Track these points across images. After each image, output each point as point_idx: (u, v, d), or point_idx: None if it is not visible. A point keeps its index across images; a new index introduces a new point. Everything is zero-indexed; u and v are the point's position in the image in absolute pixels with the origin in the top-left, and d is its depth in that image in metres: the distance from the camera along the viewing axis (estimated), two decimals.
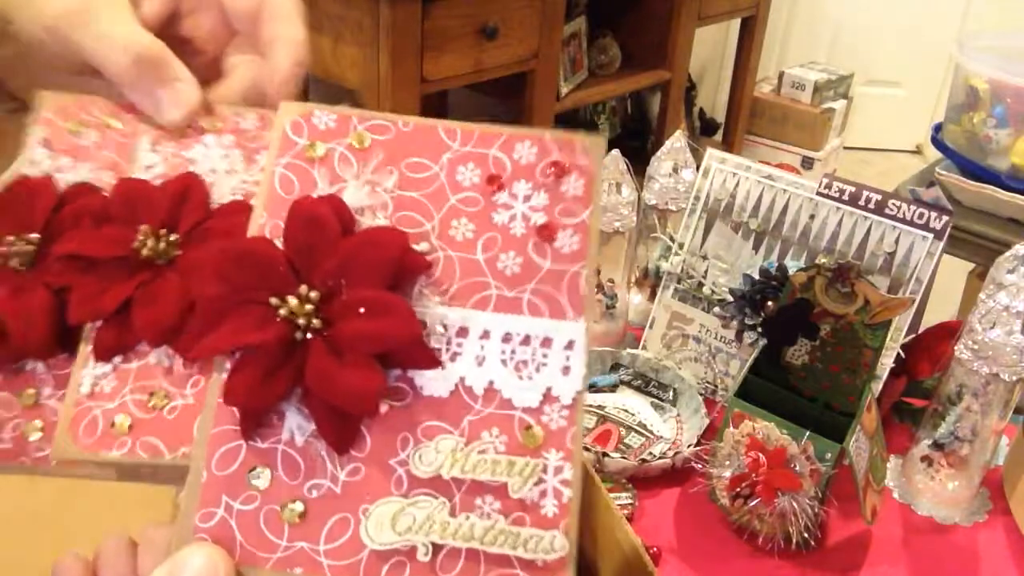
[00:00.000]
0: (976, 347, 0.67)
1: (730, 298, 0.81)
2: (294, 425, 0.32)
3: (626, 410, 0.83)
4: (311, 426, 0.32)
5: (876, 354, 0.68)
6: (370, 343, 0.31)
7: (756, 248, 0.82)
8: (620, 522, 0.54)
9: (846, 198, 0.78)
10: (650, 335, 0.89)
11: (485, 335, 0.33)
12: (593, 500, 0.56)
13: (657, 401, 0.85)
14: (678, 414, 0.83)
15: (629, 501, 0.72)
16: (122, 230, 0.35)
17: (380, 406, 0.32)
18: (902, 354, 0.78)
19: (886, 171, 3.26)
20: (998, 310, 0.66)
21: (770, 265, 0.78)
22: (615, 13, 2.39)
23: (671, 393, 0.85)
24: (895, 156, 3.44)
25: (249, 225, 0.34)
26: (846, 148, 3.34)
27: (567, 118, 2.50)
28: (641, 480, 0.74)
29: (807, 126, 3.07)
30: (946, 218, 0.74)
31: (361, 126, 0.36)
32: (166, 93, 0.35)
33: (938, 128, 1.62)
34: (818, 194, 0.79)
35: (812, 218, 0.79)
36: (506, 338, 0.33)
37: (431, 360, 0.32)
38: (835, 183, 0.78)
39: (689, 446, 0.76)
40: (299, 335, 0.31)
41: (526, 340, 0.33)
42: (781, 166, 2.19)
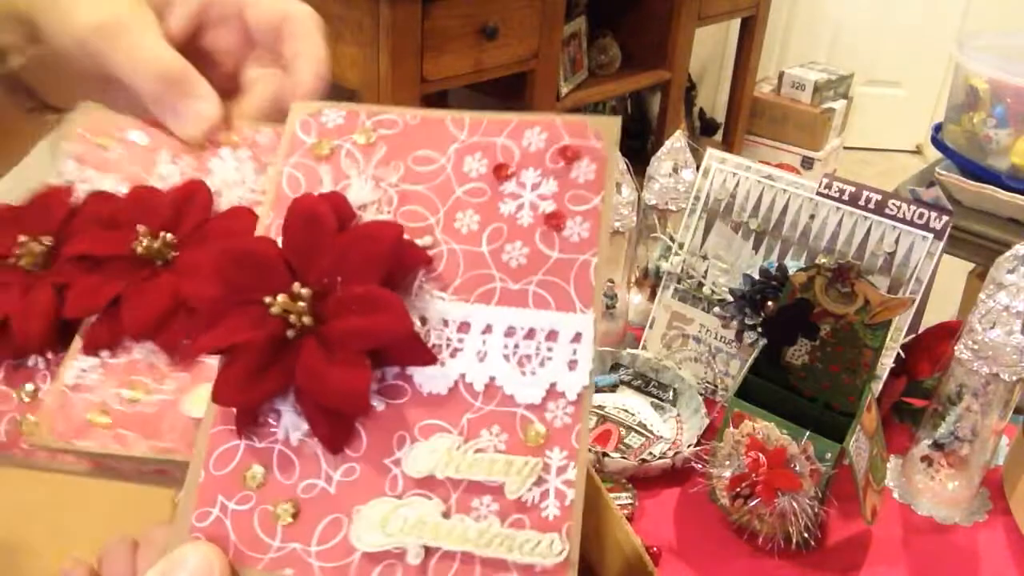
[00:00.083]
0: (976, 347, 0.67)
1: (730, 298, 0.81)
2: (289, 424, 0.32)
3: (626, 410, 0.83)
4: (305, 425, 0.31)
5: (876, 354, 0.68)
6: (361, 340, 0.31)
7: (756, 248, 0.82)
8: (620, 522, 0.54)
9: (846, 198, 0.78)
10: (650, 335, 0.89)
11: (487, 330, 0.32)
12: (594, 500, 0.56)
13: (657, 401, 0.85)
14: (678, 414, 0.83)
15: (629, 501, 0.72)
16: (125, 232, 0.36)
17: (376, 405, 0.31)
18: (902, 354, 0.78)
19: (886, 171, 3.26)
20: (998, 310, 0.66)
21: (770, 265, 0.78)
22: (615, 13, 2.39)
23: (671, 393, 0.85)
24: (895, 156, 3.44)
25: (257, 226, 0.35)
26: (846, 148, 3.35)
27: None
28: (641, 480, 0.74)
29: (807, 126, 3.07)
30: (946, 218, 0.74)
31: (369, 122, 0.36)
32: (187, 109, 0.36)
33: (938, 128, 1.62)
34: (818, 194, 0.79)
35: (812, 218, 0.79)
36: (509, 332, 0.32)
37: (427, 357, 0.31)
38: (835, 183, 0.78)
39: (689, 446, 0.76)
40: (291, 333, 0.31)
41: (530, 334, 0.31)
42: (781, 166, 2.19)
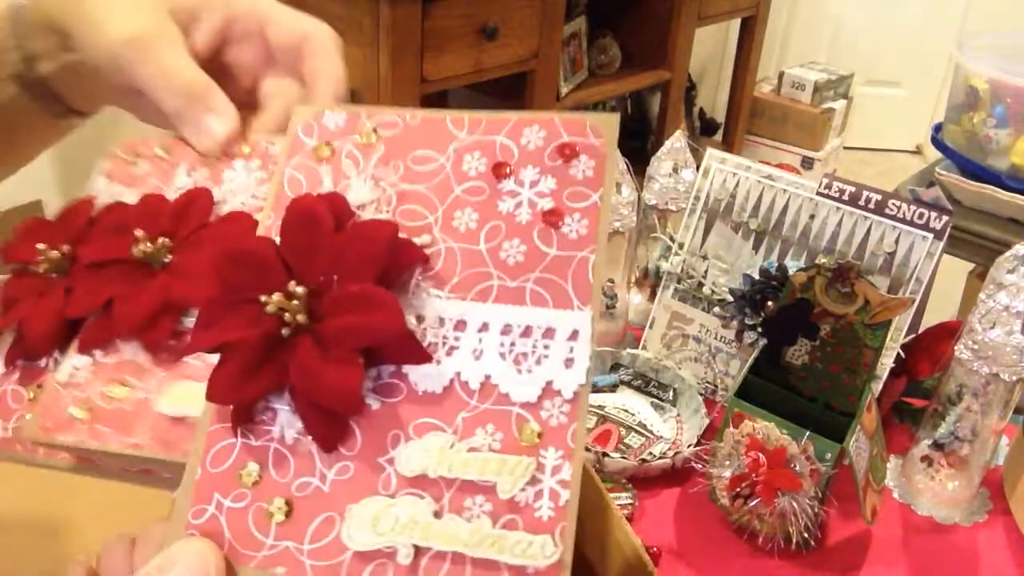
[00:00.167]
0: (976, 347, 0.67)
1: (730, 298, 0.81)
2: (284, 422, 0.32)
3: (626, 410, 0.83)
4: (300, 423, 0.31)
5: (876, 354, 0.68)
6: (355, 338, 0.31)
7: (756, 248, 0.82)
8: (620, 522, 0.54)
9: (846, 198, 0.78)
10: (650, 335, 0.89)
11: (484, 327, 0.32)
12: (593, 500, 0.56)
13: (657, 401, 0.85)
14: (678, 414, 0.83)
15: (629, 501, 0.72)
16: (128, 238, 0.37)
17: (371, 403, 0.31)
18: (902, 354, 0.78)
19: (886, 171, 3.26)
20: (998, 310, 0.66)
21: (770, 265, 0.78)
22: (615, 13, 2.39)
23: (671, 393, 0.85)
24: (895, 156, 3.44)
25: (258, 227, 0.35)
26: (846, 148, 3.35)
27: None
28: (641, 480, 0.74)
29: (807, 126, 3.07)
30: (946, 218, 0.74)
31: (369, 123, 0.36)
32: (205, 123, 0.37)
33: (938, 128, 1.62)
34: (818, 194, 0.79)
35: (812, 218, 0.79)
36: (506, 330, 0.31)
37: (422, 355, 0.31)
38: (835, 183, 0.78)
39: (689, 446, 0.76)
40: (286, 331, 0.31)
41: (527, 332, 0.31)
42: (781, 166, 2.19)
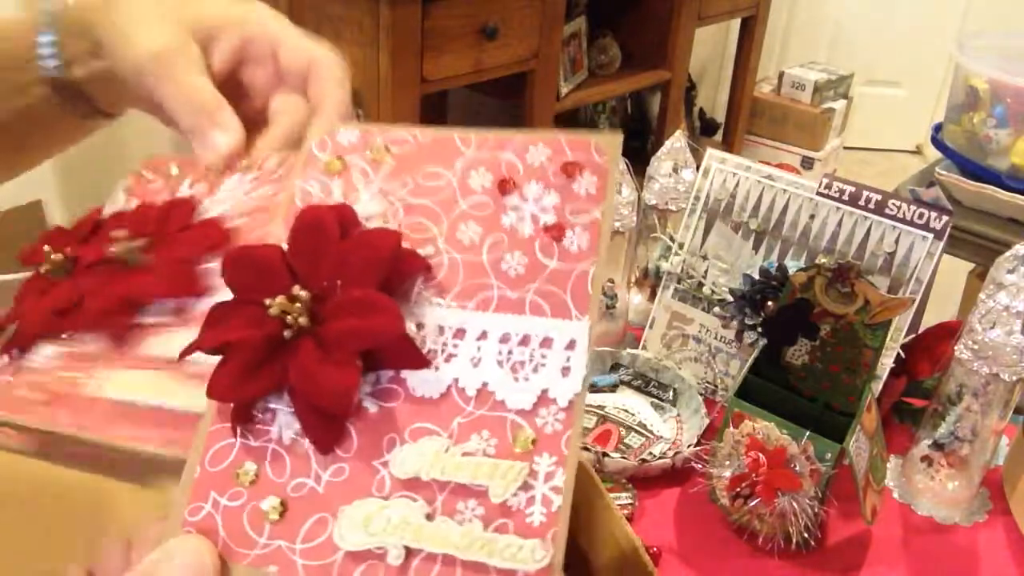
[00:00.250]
0: (976, 347, 0.67)
1: (730, 298, 0.81)
2: (283, 423, 0.32)
3: (626, 410, 0.83)
4: (298, 424, 0.32)
5: (876, 354, 0.68)
6: (355, 340, 0.31)
7: (756, 248, 0.82)
8: (620, 522, 0.54)
9: (846, 198, 0.78)
10: (650, 335, 0.89)
11: (483, 336, 0.32)
12: (593, 500, 0.56)
13: (657, 401, 0.85)
14: (678, 414, 0.83)
15: (629, 501, 0.72)
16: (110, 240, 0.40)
17: (369, 407, 0.32)
18: (902, 354, 0.78)
19: (886, 171, 3.26)
20: (998, 310, 0.66)
21: (770, 265, 0.78)
22: (615, 13, 2.39)
23: (671, 393, 0.85)
24: (895, 156, 3.44)
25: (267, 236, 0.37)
26: (846, 148, 3.35)
27: (567, 118, 2.49)
28: (641, 480, 0.74)
29: (807, 126, 3.07)
30: (946, 218, 0.74)
31: (381, 140, 0.37)
32: (212, 138, 0.40)
33: (938, 128, 1.62)
34: (818, 194, 0.79)
35: (812, 218, 0.79)
36: (504, 339, 0.32)
37: (419, 360, 0.32)
38: (835, 183, 0.78)
39: (689, 446, 0.76)
40: (288, 333, 0.32)
41: (525, 340, 0.32)
42: (781, 166, 2.19)
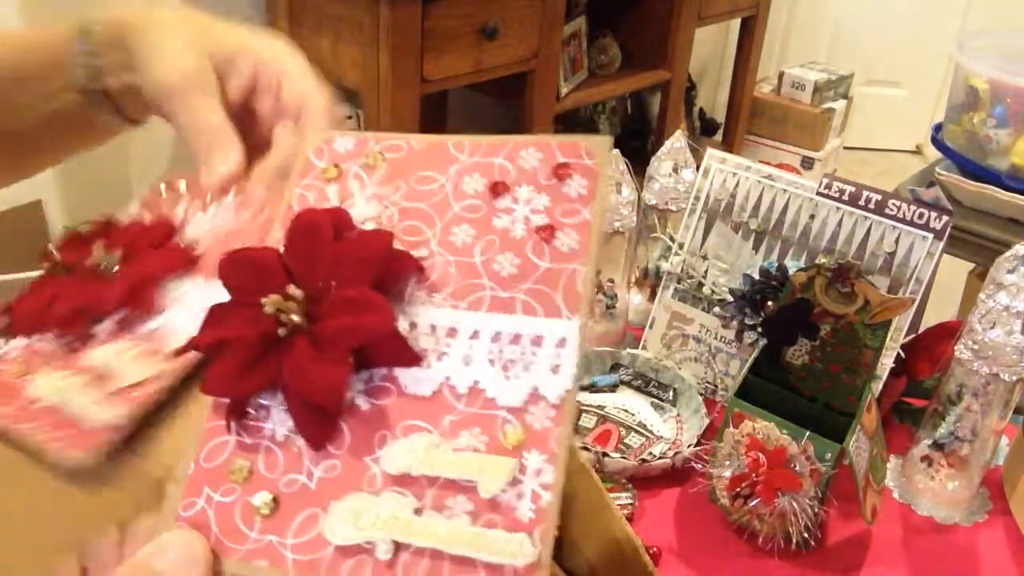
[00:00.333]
0: (976, 347, 0.67)
1: (730, 298, 0.81)
2: (277, 420, 0.33)
3: (626, 410, 0.83)
4: (291, 421, 0.33)
5: (876, 354, 0.68)
6: (347, 337, 0.32)
7: (756, 248, 0.82)
8: (620, 522, 0.54)
9: (846, 198, 0.78)
10: (650, 335, 0.89)
11: (475, 335, 0.33)
12: (593, 500, 0.56)
13: (657, 401, 0.85)
14: (678, 414, 0.83)
15: (629, 501, 0.72)
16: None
17: (361, 404, 0.33)
18: (902, 354, 0.78)
19: (886, 171, 3.26)
20: (998, 310, 0.66)
21: (770, 265, 0.78)
22: (615, 13, 2.39)
23: (671, 393, 0.85)
24: (895, 156, 3.44)
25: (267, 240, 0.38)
26: (846, 148, 3.34)
27: (567, 118, 2.49)
28: (641, 480, 0.74)
29: (807, 126, 3.07)
30: (946, 218, 0.74)
31: (377, 147, 0.38)
32: (213, 164, 0.42)
33: (938, 128, 1.62)
34: (818, 194, 0.79)
35: (812, 218, 0.79)
36: (495, 337, 0.33)
37: (410, 357, 0.33)
38: (835, 183, 0.78)
39: (689, 446, 0.76)
40: (282, 332, 0.33)
41: (516, 339, 0.32)
42: (781, 166, 2.19)
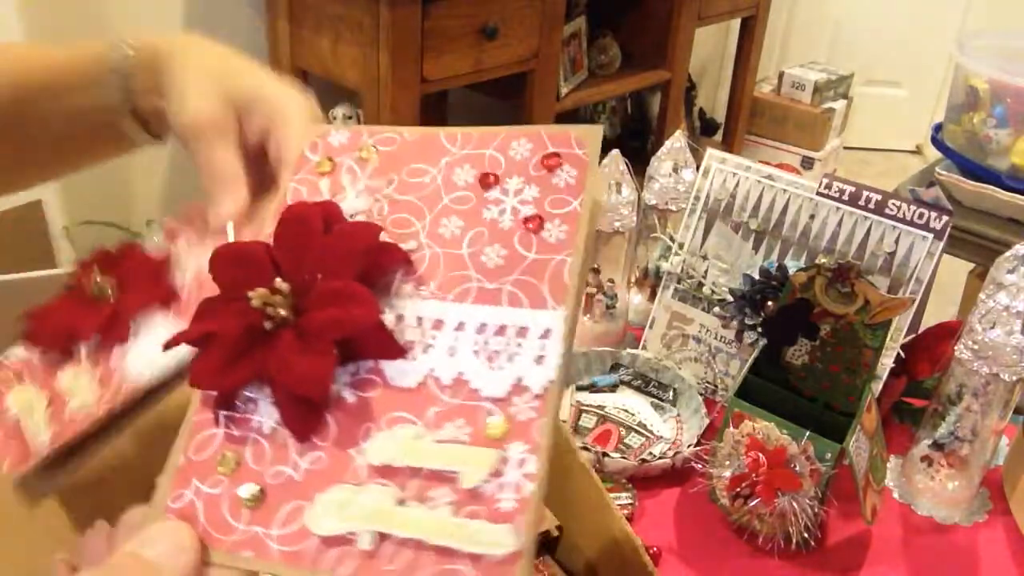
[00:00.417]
0: (976, 347, 0.67)
1: (730, 298, 0.81)
2: (264, 413, 0.33)
3: (626, 410, 0.83)
4: (278, 414, 0.33)
5: (876, 354, 0.68)
6: (332, 329, 0.32)
7: (756, 248, 0.82)
8: (620, 522, 0.54)
9: (846, 198, 0.78)
10: (650, 335, 0.89)
11: (460, 327, 0.33)
12: (593, 500, 0.56)
13: (657, 401, 0.85)
14: (678, 414, 0.83)
15: (629, 501, 0.72)
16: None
17: (347, 397, 0.33)
18: (902, 354, 0.78)
19: (886, 171, 3.26)
20: (998, 310, 0.66)
21: (770, 265, 0.78)
22: (615, 13, 2.39)
23: (671, 393, 0.85)
24: (895, 156, 3.44)
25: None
26: (846, 148, 3.34)
27: (567, 118, 2.49)
28: (641, 480, 0.74)
29: (807, 126, 3.07)
30: (946, 218, 0.74)
31: (370, 140, 0.39)
32: (219, 204, 0.43)
33: (938, 128, 1.62)
34: (818, 194, 0.79)
35: (812, 218, 0.79)
36: (481, 329, 0.33)
37: (395, 350, 0.33)
38: (835, 183, 0.78)
39: (689, 446, 0.76)
40: (268, 325, 0.33)
41: (501, 330, 0.32)
42: (781, 166, 2.19)
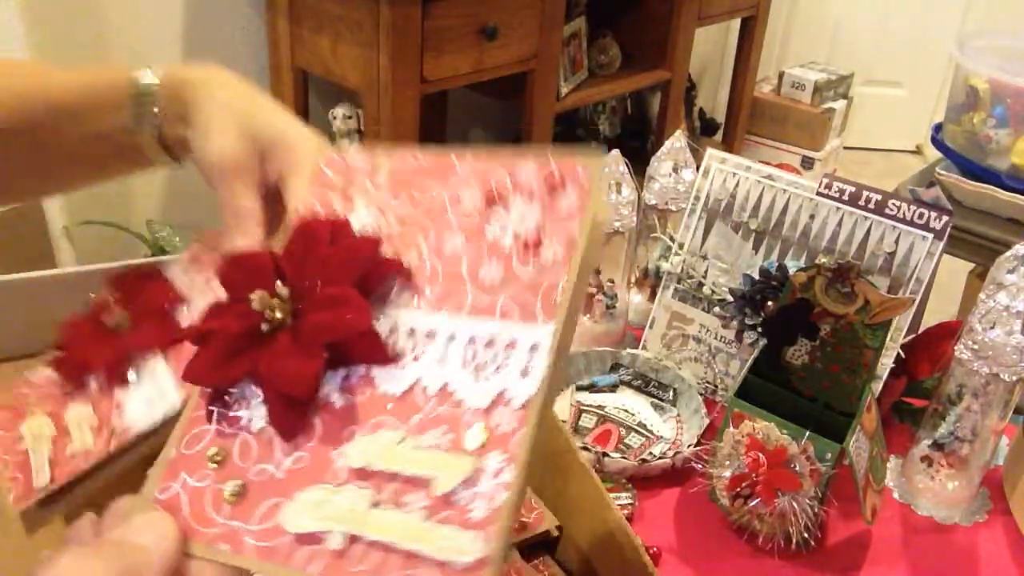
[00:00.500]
0: (976, 347, 0.67)
1: (730, 298, 0.81)
2: (255, 413, 0.35)
3: (626, 410, 0.83)
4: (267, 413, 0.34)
5: (876, 354, 0.68)
6: (324, 332, 0.34)
7: (756, 248, 0.82)
8: (620, 522, 0.54)
9: (846, 198, 0.78)
10: (650, 335, 0.89)
11: (451, 338, 0.34)
12: (593, 500, 0.56)
13: (657, 401, 0.85)
14: (678, 414, 0.83)
15: (629, 501, 0.72)
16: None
17: (336, 401, 0.34)
18: (902, 354, 0.78)
19: (886, 171, 3.26)
20: (998, 310, 0.66)
21: (770, 265, 0.78)
22: (615, 13, 2.39)
23: (671, 393, 0.85)
24: (895, 156, 3.44)
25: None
26: (846, 148, 3.34)
27: (567, 118, 2.49)
28: (641, 480, 0.74)
29: (807, 126, 3.07)
30: (946, 218, 0.74)
31: (385, 159, 0.41)
32: (235, 240, 0.44)
33: (938, 128, 1.62)
34: (818, 194, 0.79)
35: (812, 218, 0.79)
36: (471, 341, 0.34)
37: (384, 355, 0.34)
38: (835, 183, 0.78)
39: (689, 446, 0.76)
40: (265, 327, 0.35)
41: (490, 343, 0.33)
42: (781, 166, 2.19)
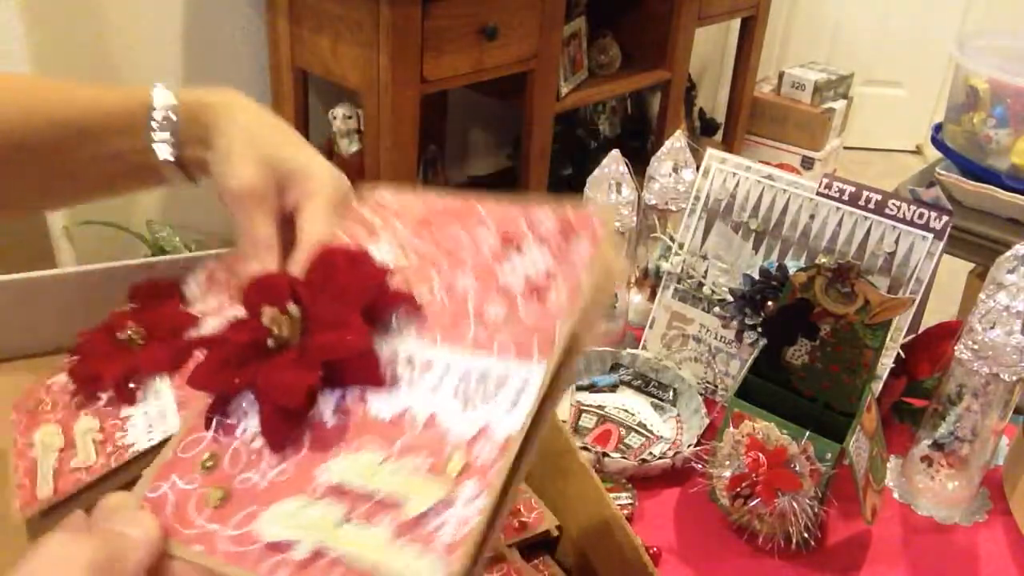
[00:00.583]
0: (976, 347, 0.67)
1: (730, 298, 0.81)
2: (251, 424, 0.36)
3: (626, 410, 0.83)
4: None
5: (876, 354, 0.68)
6: (324, 350, 0.35)
7: (756, 248, 0.82)
8: (620, 522, 0.54)
9: (846, 198, 0.78)
10: (650, 335, 0.89)
11: (447, 369, 0.35)
12: (593, 500, 0.56)
13: (657, 401, 0.85)
14: (678, 414, 0.83)
15: (629, 501, 0.72)
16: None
17: (328, 420, 0.35)
18: (902, 354, 0.78)
19: (886, 171, 3.26)
20: (998, 310, 0.66)
21: (770, 265, 0.78)
22: (615, 13, 2.39)
23: (671, 393, 0.85)
24: (895, 156, 3.44)
25: None
26: (846, 148, 3.34)
27: (567, 118, 2.49)
28: (641, 480, 0.74)
29: (807, 126, 3.07)
30: (946, 218, 0.74)
31: (414, 199, 0.44)
32: (248, 266, 0.46)
33: (938, 128, 1.62)
34: (818, 194, 0.79)
35: (812, 218, 0.79)
36: (465, 374, 0.35)
37: (376, 377, 0.36)
38: (835, 183, 0.78)
39: (689, 446, 0.76)
40: (271, 342, 0.36)
41: (484, 377, 0.35)
42: (781, 166, 2.19)
